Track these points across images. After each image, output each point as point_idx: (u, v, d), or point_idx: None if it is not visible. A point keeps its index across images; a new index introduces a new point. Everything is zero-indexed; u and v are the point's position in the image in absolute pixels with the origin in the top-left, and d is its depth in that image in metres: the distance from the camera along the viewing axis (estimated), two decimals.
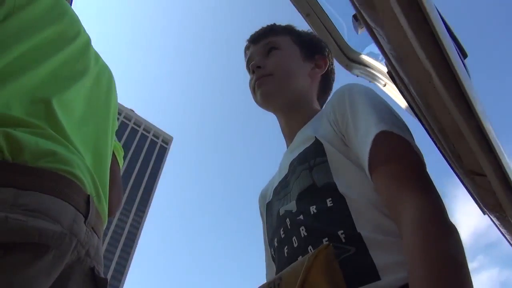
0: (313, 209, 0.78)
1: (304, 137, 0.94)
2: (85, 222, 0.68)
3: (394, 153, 0.73)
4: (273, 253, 0.91)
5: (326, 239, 0.71)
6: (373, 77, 1.29)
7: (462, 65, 0.54)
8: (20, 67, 0.73)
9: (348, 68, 1.39)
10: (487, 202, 0.58)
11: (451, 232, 0.62)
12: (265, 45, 1.09)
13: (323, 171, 0.82)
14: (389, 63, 0.53)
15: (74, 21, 0.93)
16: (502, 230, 0.66)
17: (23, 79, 0.72)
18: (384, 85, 1.25)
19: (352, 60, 1.39)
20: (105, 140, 0.91)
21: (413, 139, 0.76)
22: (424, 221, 0.62)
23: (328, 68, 1.13)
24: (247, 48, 1.17)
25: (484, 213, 0.67)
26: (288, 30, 1.14)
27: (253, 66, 1.05)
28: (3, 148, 0.61)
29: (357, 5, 0.48)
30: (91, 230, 0.70)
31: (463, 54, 0.86)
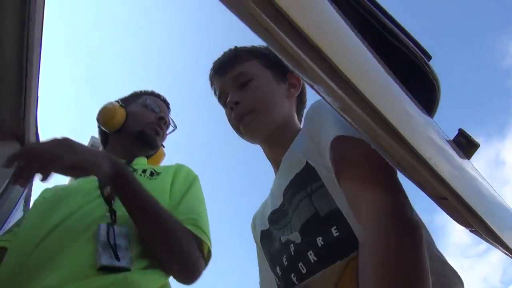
0: (319, 241, 0.75)
1: (292, 160, 0.91)
2: None
3: (354, 156, 0.71)
4: (277, 280, 0.91)
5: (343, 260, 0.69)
6: None
7: (406, 104, 0.56)
8: None
9: None
10: (459, 220, 0.60)
11: (409, 228, 0.60)
12: (236, 77, 1.04)
13: (323, 197, 0.77)
14: (336, 111, 0.54)
15: None
16: (482, 239, 0.68)
17: None
18: None
19: None
20: None
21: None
22: (380, 215, 0.61)
23: (301, 84, 1.10)
24: (212, 77, 1.11)
25: None
26: (253, 54, 1.08)
27: (230, 103, 1.01)
28: None
29: (290, 67, 0.50)
30: None
31: (426, 56, 0.87)
